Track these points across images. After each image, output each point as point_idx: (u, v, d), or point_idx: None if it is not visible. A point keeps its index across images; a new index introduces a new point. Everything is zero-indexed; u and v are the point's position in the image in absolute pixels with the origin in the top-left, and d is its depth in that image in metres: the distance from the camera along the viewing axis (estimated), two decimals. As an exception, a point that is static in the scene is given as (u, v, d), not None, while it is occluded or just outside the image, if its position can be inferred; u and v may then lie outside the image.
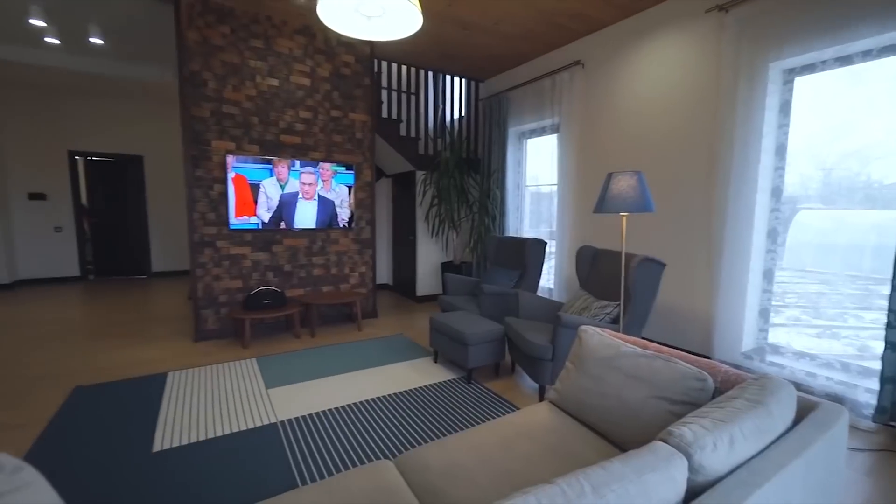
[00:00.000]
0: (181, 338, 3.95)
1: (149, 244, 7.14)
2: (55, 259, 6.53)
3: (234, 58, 3.70)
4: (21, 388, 2.87)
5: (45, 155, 6.33)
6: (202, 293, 3.79)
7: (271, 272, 4.08)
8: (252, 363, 3.34)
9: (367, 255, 4.58)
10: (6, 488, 0.84)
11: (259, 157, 3.84)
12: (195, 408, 2.61)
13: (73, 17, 4.02)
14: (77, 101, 6.45)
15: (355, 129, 4.35)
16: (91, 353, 3.53)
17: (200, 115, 3.62)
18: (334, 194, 4.24)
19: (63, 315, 4.76)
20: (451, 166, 4.90)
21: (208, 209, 3.74)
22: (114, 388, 2.88)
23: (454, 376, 3.13)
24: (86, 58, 5.08)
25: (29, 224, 6.32)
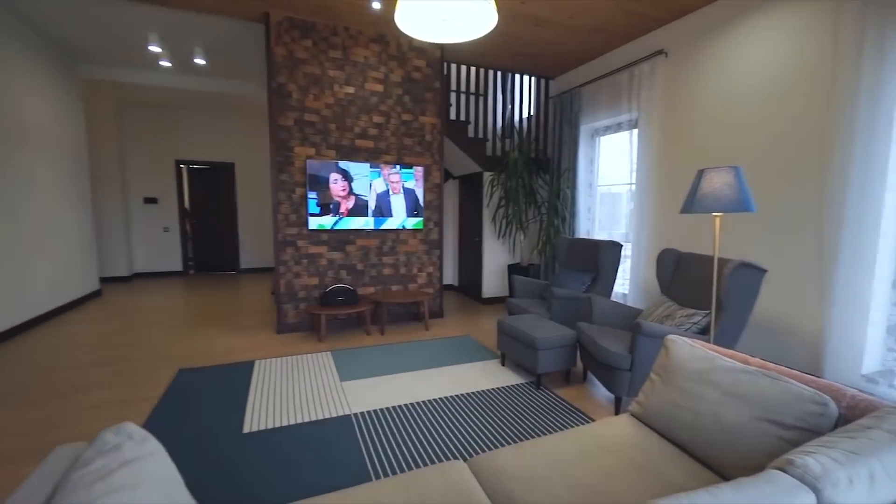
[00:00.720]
0: (265, 329, 4.29)
1: (238, 243, 7.87)
2: (163, 255, 7.43)
3: (315, 69, 3.95)
4: (139, 367, 3.28)
5: (156, 164, 7.24)
6: (284, 289, 4.09)
7: (345, 270, 4.28)
8: (327, 356, 3.53)
9: (435, 256, 4.64)
10: (136, 455, 0.95)
11: (354, 160, 4.06)
12: (278, 395, 2.81)
13: (182, 41, 4.55)
14: (182, 115, 7.29)
15: (425, 132, 4.44)
16: (191, 340, 3.95)
17: (285, 124, 3.90)
18: (405, 194, 4.37)
19: (168, 305, 5.39)
20: (520, 167, 4.81)
21: (290, 211, 4.02)
22: (210, 372, 3.19)
23: (522, 381, 3.06)
24: (191, 77, 5.73)
25: (143, 225, 7.26)
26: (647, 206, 3.97)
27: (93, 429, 2.37)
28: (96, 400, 2.72)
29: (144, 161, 7.16)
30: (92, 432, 2.33)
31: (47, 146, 4.66)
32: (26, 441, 2.25)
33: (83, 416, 2.52)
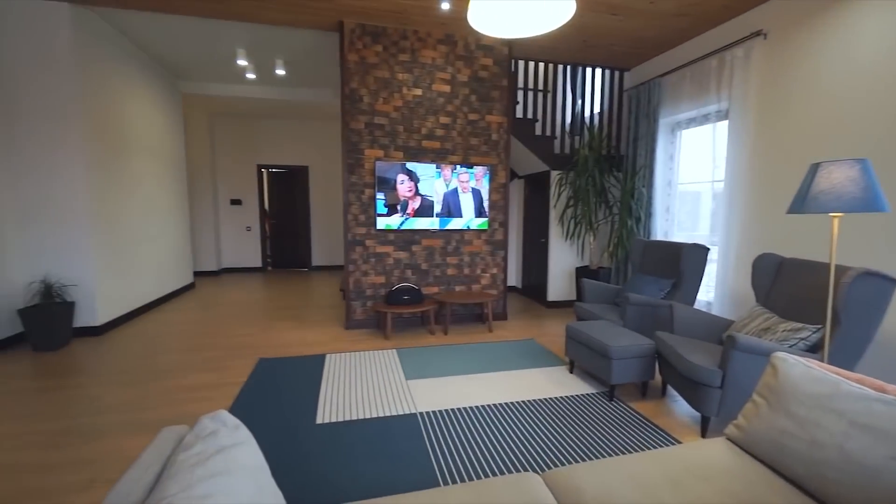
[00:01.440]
0: (335, 325, 4.48)
1: (311, 242, 8.35)
2: (245, 253, 8.09)
3: (384, 73, 4.05)
4: (225, 354, 3.58)
5: (241, 168, 7.90)
6: (352, 287, 4.24)
7: (410, 270, 4.35)
8: (393, 354, 3.60)
9: (499, 257, 4.57)
10: (229, 442, 1.00)
11: (420, 161, 4.14)
12: (348, 389, 2.91)
13: (265, 54, 4.90)
14: (263, 123, 7.89)
15: (491, 131, 4.38)
16: (269, 331, 4.24)
17: (356, 127, 4.05)
18: (472, 195, 4.35)
19: (250, 298, 5.85)
20: (590, 165, 4.58)
21: (360, 211, 4.16)
22: (286, 362, 3.39)
23: (593, 391, 2.89)
24: (272, 87, 6.17)
25: (230, 224, 7.96)
26: (737, 205, 3.58)
27: (184, 409, 2.61)
28: (188, 383, 3.00)
29: (231, 166, 7.85)
30: (183, 412, 2.57)
31: (155, 153, 5.26)
32: (128, 416, 2.53)
33: (177, 397, 2.78)
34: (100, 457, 2.11)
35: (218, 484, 0.87)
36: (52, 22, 3.64)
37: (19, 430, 2.36)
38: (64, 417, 2.50)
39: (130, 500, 0.82)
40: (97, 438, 2.28)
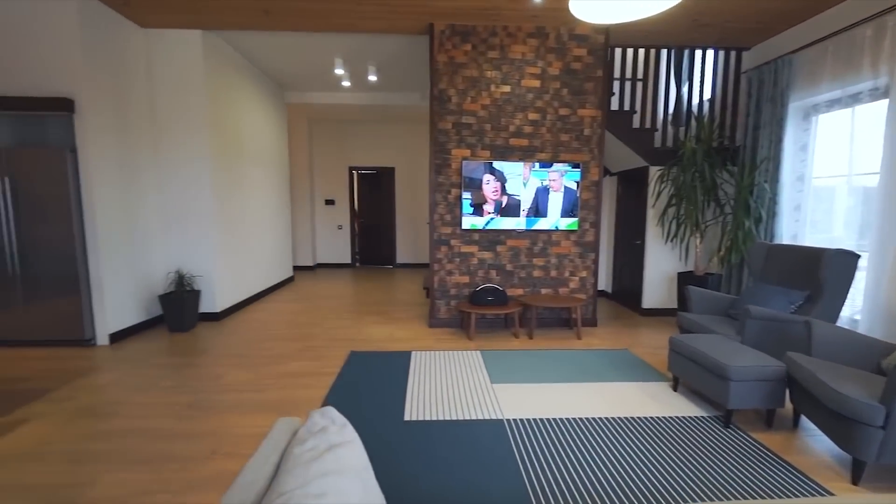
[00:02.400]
0: (419, 322, 4.58)
1: (395, 240, 8.69)
2: (337, 250, 8.67)
3: (473, 72, 4.02)
4: (321, 344, 3.83)
5: (334, 170, 8.47)
6: (437, 285, 4.29)
7: (494, 270, 4.28)
8: (477, 355, 3.55)
9: (590, 260, 4.30)
10: (338, 440, 1.01)
11: (505, 160, 4.08)
12: (434, 388, 2.93)
13: (359, 62, 5.17)
14: (354, 127, 8.36)
15: (584, 126, 4.13)
16: (359, 325, 4.45)
17: (444, 128, 4.07)
18: (563, 193, 4.15)
19: (340, 293, 6.23)
20: (698, 158, 4.09)
21: (446, 211, 4.19)
22: (375, 356, 3.52)
23: (703, 414, 2.56)
24: (364, 93, 6.50)
25: (324, 223, 8.58)
26: (899, 203, 2.94)
27: (290, 394, 2.82)
28: (291, 369, 3.25)
29: (326, 168, 8.45)
30: (289, 397, 2.77)
31: (264, 159, 5.84)
32: (244, 396, 2.79)
33: (283, 382, 3.02)
34: (220, 430, 2.36)
35: (330, 483, 0.87)
36: (189, 47, 4.20)
37: (159, 399, 2.74)
38: (192, 392, 2.85)
39: (254, 489, 0.86)
40: (218, 413, 2.55)
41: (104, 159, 3.70)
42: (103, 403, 2.68)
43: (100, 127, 3.65)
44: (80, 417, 2.50)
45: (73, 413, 2.56)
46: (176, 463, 2.07)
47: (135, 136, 4.06)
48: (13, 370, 3.19)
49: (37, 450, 2.17)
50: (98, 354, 3.54)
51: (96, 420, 2.47)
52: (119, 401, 2.72)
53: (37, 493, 1.85)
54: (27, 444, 2.22)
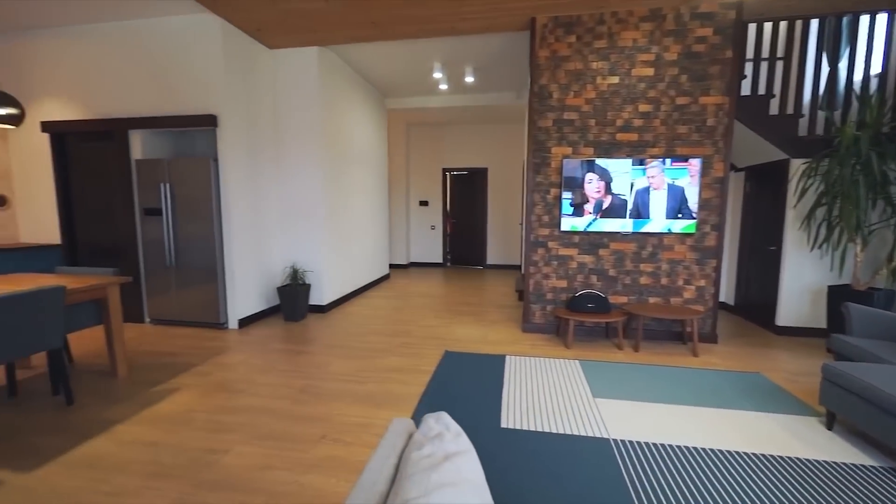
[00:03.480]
0: (511, 326, 4.46)
1: (486, 241, 8.66)
2: (429, 249, 8.91)
3: (577, 64, 3.79)
4: (416, 342, 3.93)
5: (428, 172, 8.71)
6: (532, 289, 4.13)
7: (595, 276, 3.99)
8: (575, 365, 3.34)
9: (710, 267, 3.79)
10: (454, 449, 0.98)
11: (611, 157, 3.81)
12: (530, 395, 2.80)
13: (456, 65, 5.22)
14: (448, 129, 8.51)
15: (706, 116, 3.65)
16: (453, 325, 4.49)
17: (544, 125, 3.91)
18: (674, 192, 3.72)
19: (433, 292, 6.36)
20: (862, 147, 3.36)
21: (544, 212, 4.02)
22: (469, 358, 3.50)
23: (874, 463, 2.07)
24: (460, 95, 6.56)
25: (418, 223, 8.88)
26: None
27: (389, 389, 2.92)
28: (390, 364, 3.37)
29: (421, 169, 8.74)
30: (389, 391, 2.87)
31: (367, 162, 6.21)
32: (349, 386, 2.95)
33: (382, 376, 3.14)
34: (329, 416, 2.52)
35: (449, 496, 0.83)
36: (307, 63, 4.62)
37: (277, 381, 3.03)
38: (304, 377, 3.10)
39: (376, 490, 0.86)
40: (327, 400, 2.74)
41: (237, 166, 4.22)
42: (234, 381, 3.04)
43: (235, 138, 4.18)
44: (216, 391, 2.87)
45: (211, 386, 2.94)
46: (291, 442, 2.25)
47: (261, 145, 4.59)
48: (168, 345, 3.79)
49: (185, 415, 2.53)
50: (229, 336, 4.06)
51: (229, 395, 2.81)
52: (246, 379, 3.06)
53: (186, 453, 2.14)
54: (178, 409, 2.60)
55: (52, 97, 4.38)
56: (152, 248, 4.33)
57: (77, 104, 4.34)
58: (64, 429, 2.38)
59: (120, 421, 2.46)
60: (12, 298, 2.28)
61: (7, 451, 2.16)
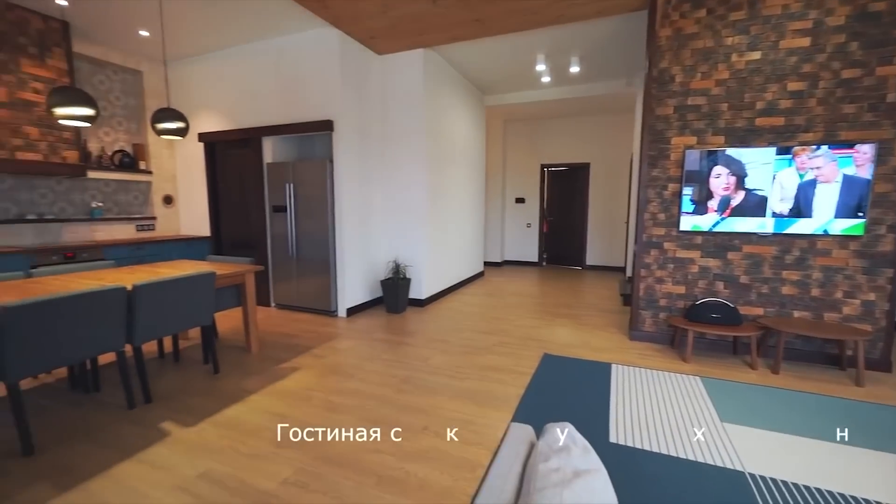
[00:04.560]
0: (616, 332, 4.13)
1: (585, 241, 8.19)
2: (524, 247, 8.71)
3: (706, 42, 3.34)
4: (513, 342, 3.85)
5: (526, 168, 8.51)
6: (643, 293, 3.78)
7: (722, 282, 3.50)
8: (696, 382, 2.96)
9: (883, 278, 3.07)
10: (584, 467, 0.89)
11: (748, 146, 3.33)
12: (642, 410, 2.55)
13: (561, 55, 4.98)
14: (547, 124, 8.20)
15: (886, 90, 2.95)
16: (551, 327, 4.31)
17: (663, 114, 3.53)
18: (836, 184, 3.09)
19: (529, 291, 6.20)
20: None
21: (659, 210, 3.64)
22: (570, 363, 3.32)
23: None
24: (563, 87, 6.27)
25: (513, 221, 8.73)
26: None
27: (489, 387, 2.89)
28: (487, 362, 3.34)
29: (517, 166, 8.57)
30: (488, 390, 2.84)
31: (465, 159, 6.27)
32: (449, 380, 2.99)
33: (481, 374, 3.13)
34: (430, 409, 2.58)
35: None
36: (412, 65, 4.79)
37: (381, 370, 3.19)
38: (406, 368, 3.22)
39: (503, 499, 0.82)
40: (428, 393, 2.80)
41: (348, 167, 4.55)
42: (344, 365, 3.28)
43: (347, 140, 4.50)
44: (330, 373, 3.12)
45: (325, 369, 3.21)
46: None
47: (369, 146, 4.88)
48: (290, 328, 4.24)
49: (305, 393, 2.79)
50: (339, 324, 4.40)
51: (340, 378, 3.04)
52: (354, 365, 3.28)
53: (307, 428, 2.35)
54: (299, 387, 2.88)
55: (206, 111, 5.18)
56: (278, 241, 4.89)
57: (224, 117, 5.07)
58: (212, 393, 2.78)
59: (254, 391, 2.81)
60: (183, 280, 2.73)
61: (173, 407, 2.60)
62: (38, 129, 4.02)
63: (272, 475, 1.94)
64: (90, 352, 2.35)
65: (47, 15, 4.03)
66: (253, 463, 2.04)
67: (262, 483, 1.89)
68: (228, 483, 1.89)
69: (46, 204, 4.42)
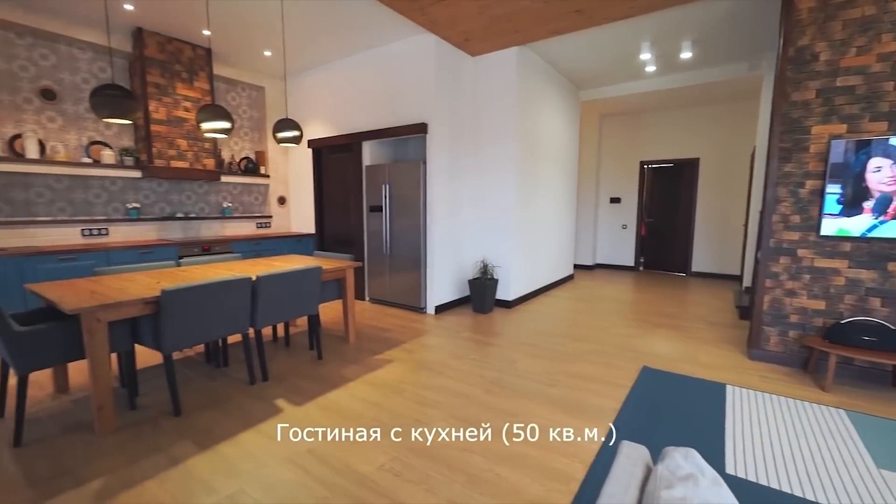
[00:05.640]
0: (730, 348, 3.66)
1: (691, 244, 7.39)
2: (619, 250, 8.15)
3: (866, 8, 2.79)
4: (607, 350, 3.61)
5: (623, 166, 7.94)
6: (767, 307, 3.28)
7: (878, 299, 2.90)
8: (840, 416, 2.49)
9: None
10: (716, 502, 0.79)
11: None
12: (767, 441, 2.21)
13: (670, 41, 4.53)
14: (649, 117, 7.55)
15: None
16: (650, 337, 3.95)
17: (802, 99, 3.02)
18: None
19: (623, 297, 5.77)
20: None
21: (792, 210, 3.13)
22: (674, 379, 3.01)
23: None
24: (670, 76, 5.72)
25: (607, 222, 8.22)
26: None
27: (581, 398, 2.74)
28: (578, 370, 3.18)
29: (614, 164, 8.04)
30: (581, 400, 2.70)
31: (557, 158, 6.05)
32: (538, 387, 2.89)
33: (572, 382, 2.98)
34: (520, 413, 2.52)
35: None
36: (506, 64, 4.75)
37: (469, 369, 3.20)
38: (494, 370, 3.20)
39: (620, 525, 0.76)
40: (517, 396, 2.75)
41: (440, 168, 4.66)
42: (433, 362, 3.36)
43: (440, 142, 4.61)
44: (420, 368, 3.22)
45: (416, 363, 3.32)
46: (485, 430, 2.33)
47: (460, 147, 4.95)
48: (382, 322, 4.48)
49: (397, 385, 2.92)
50: (427, 320, 4.53)
51: (430, 373, 3.12)
52: (442, 362, 3.35)
53: (399, 418, 2.45)
54: (392, 379, 3.02)
55: (314, 120, 5.70)
56: (373, 239, 5.19)
57: (329, 124, 5.52)
58: (317, 377, 3.04)
59: (351, 379, 3.01)
60: (297, 273, 3.03)
61: (285, 387, 2.89)
62: (187, 141, 4.77)
63: (369, 460, 2.06)
64: (224, 332, 2.71)
65: (196, 44, 4.75)
66: (352, 446, 2.18)
67: (361, 466, 2.01)
68: (332, 462, 2.04)
69: (190, 204, 5.23)
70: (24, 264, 3.56)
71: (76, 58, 4.25)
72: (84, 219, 4.35)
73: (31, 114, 4.01)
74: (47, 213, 4.12)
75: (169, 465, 2.01)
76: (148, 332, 2.44)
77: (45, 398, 2.69)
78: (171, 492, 1.82)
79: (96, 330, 2.16)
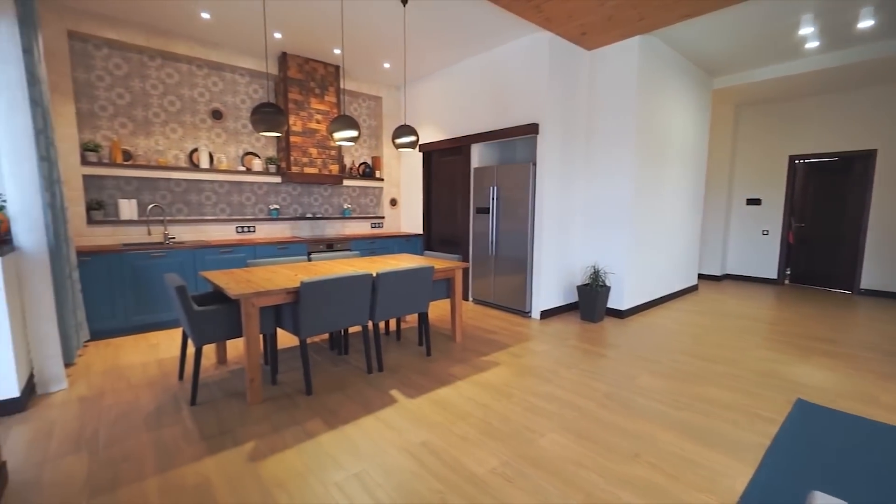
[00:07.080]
0: (928, 389, 2.89)
1: (860, 255, 6.05)
2: (757, 260, 7.02)
3: None
4: (744, 374, 3.12)
5: (765, 162, 6.83)
6: None
7: None
8: None
9: None
10: None
11: None
12: None
13: (841, 10, 3.76)
14: (804, 104, 6.37)
15: None
16: (801, 365, 3.32)
17: None
18: None
19: (761, 314, 4.94)
20: None
21: None
22: (842, 419, 2.47)
23: None
24: (840, 51, 4.76)
25: (742, 226, 7.14)
26: None
27: (717, 427, 2.40)
28: (710, 395, 2.79)
29: (753, 160, 6.96)
30: (718, 431, 2.37)
31: (681, 157, 5.44)
32: (661, 407, 2.61)
33: (703, 407, 2.63)
34: (641, 434, 2.30)
35: None
36: (626, 56, 4.42)
37: (580, 380, 3.03)
38: (608, 383, 2.98)
39: None
40: (637, 416, 2.52)
41: (551, 169, 4.50)
42: (541, 368, 3.26)
43: (551, 142, 4.46)
44: (528, 374, 3.15)
45: (523, 368, 3.25)
46: (603, 448, 2.17)
47: (572, 147, 4.73)
48: (487, 324, 4.49)
49: (505, 389, 2.89)
50: (532, 325, 4.42)
51: (538, 380, 3.03)
52: (551, 369, 3.23)
53: (509, 423, 2.42)
54: (499, 381, 3.00)
55: (426, 124, 5.96)
56: (479, 240, 5.23)
57: (439, 128, 5.72)
58: (427, 373, 3.16)
59: (460, 378, 3.06)
60: (412, 272, 3.19)
61: (399, 379, 3.06)
62: (317, 149, 5.35)
63: (481, 461, 2.06)
64: (348, 322, 2.96)
65: (327, 62, 5.31)
66: (463, 445, 2.20)
67: (473, 466, 2.02)
68: (444, 458, 2.09)
69: (317, 205, 5.85)
70: (197, 255, 4.34)
71: (237, 82, 5.05)
72: (238, 217, 5.14)
73: (204, 131, 4.88)
74: (213, 213, 4.96)
75: (304, 437, 2.26)
76: (288, 319, 2.78)
77: (209, 367, 3.24)
78: (307, 463, 2.04)
79: (252, 313, 2.52)
